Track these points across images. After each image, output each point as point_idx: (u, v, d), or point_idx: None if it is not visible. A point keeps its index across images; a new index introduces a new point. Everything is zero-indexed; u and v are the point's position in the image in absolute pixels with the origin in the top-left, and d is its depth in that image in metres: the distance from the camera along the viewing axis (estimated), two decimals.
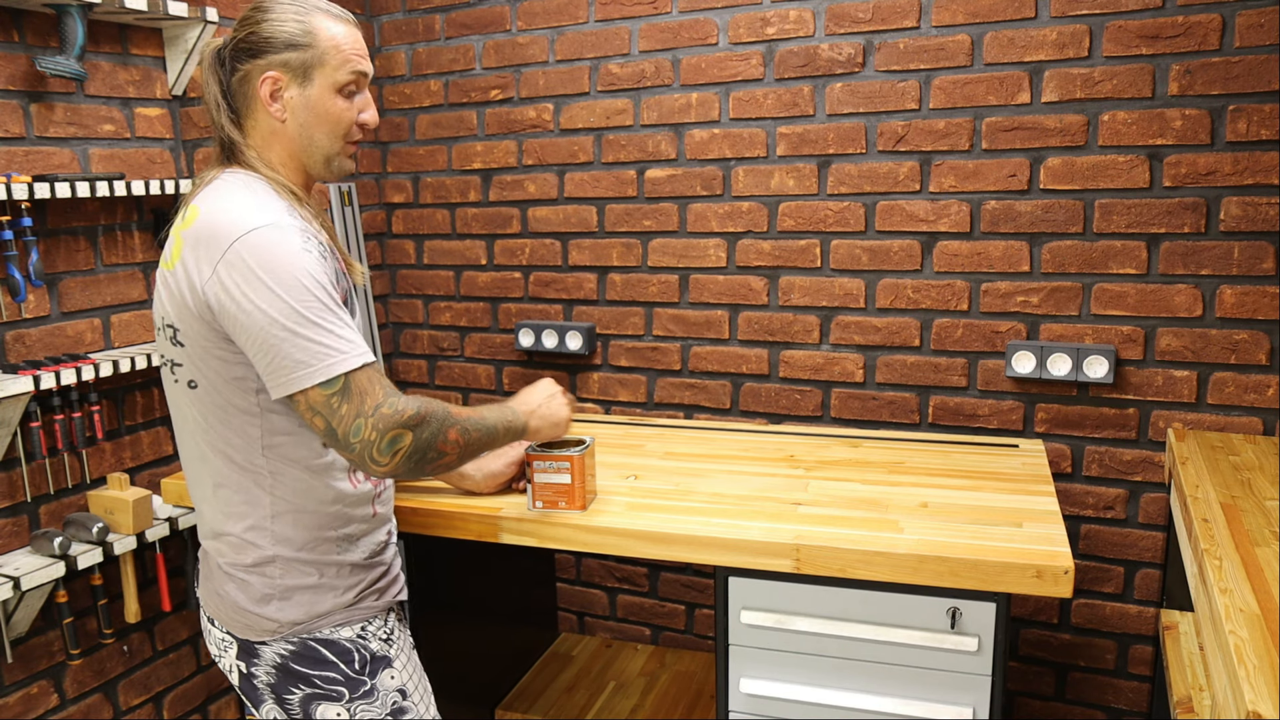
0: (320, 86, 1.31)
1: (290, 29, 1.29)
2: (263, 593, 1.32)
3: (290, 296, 1.18)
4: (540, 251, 2.57)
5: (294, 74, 1.30)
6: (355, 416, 1.20)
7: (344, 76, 1.31)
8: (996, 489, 1.71)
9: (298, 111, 1.31)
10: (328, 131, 1.33)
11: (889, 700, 1.50)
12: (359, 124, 1.35)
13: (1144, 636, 2.15)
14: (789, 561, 1.48)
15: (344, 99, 1.33)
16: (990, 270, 2.14)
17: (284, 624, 1.33)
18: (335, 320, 1.21)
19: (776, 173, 2.28)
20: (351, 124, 1.34)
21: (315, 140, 1.33)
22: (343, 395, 1.20)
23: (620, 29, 2.37)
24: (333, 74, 1.31)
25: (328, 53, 1.30)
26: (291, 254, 1.20)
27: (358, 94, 1.35)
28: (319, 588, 1.34)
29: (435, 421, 1.27)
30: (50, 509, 1.93)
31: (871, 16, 2.14)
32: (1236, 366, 1.98)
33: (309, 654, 1.33)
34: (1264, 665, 1.07)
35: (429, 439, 1.26)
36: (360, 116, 1.35)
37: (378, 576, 1.41)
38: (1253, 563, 1.34)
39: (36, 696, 1.93)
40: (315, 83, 1.30)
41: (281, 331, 1.17)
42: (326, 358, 1.19)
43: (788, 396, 2.37)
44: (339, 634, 1.35)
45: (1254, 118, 1.89)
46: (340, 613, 1.35)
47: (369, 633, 1.38)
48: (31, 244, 1.80)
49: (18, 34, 1.83)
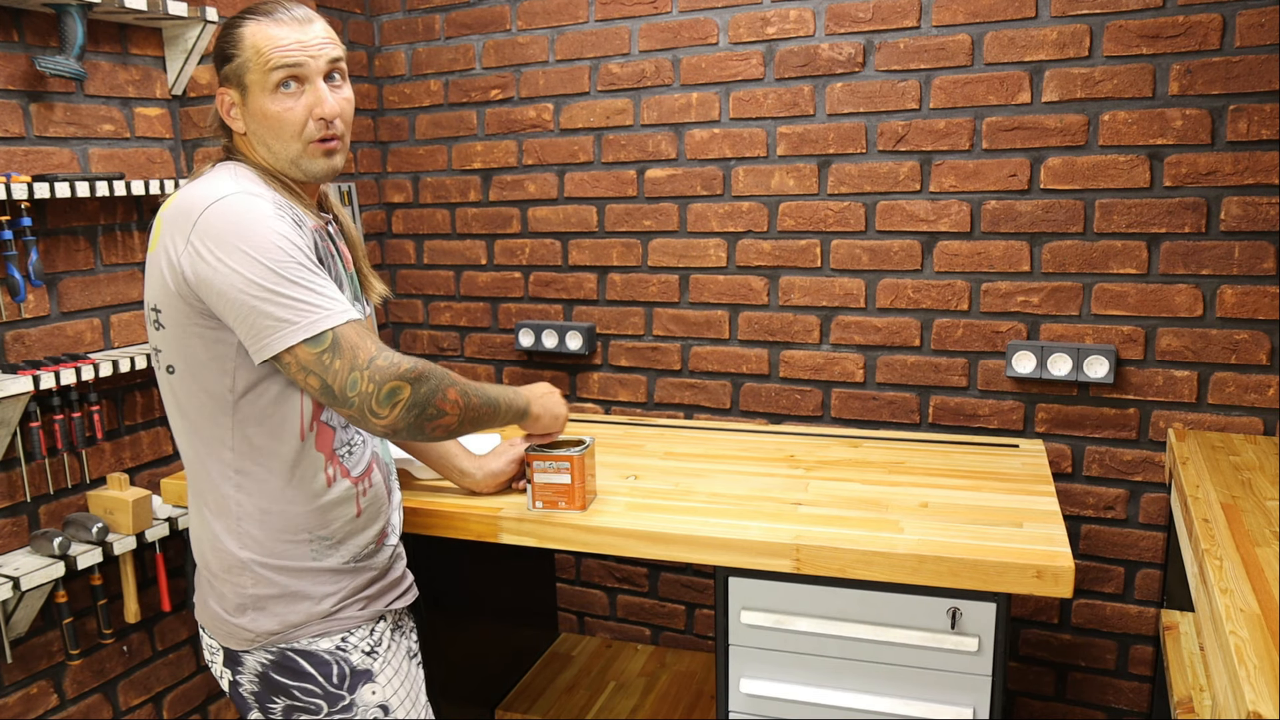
0: (255, 92, 1.27)
1: (223, 43, 1.28)
2: (236, 602, 1.30)
3: (265, 258, 1.16)
4: (540, 251, 2.57)
5: (233, 85, 1.28)
6: (350, 370, 1.18)
7: (274, 76, 1.25)
8: (997, 489, 1.71)
9: (250, 122, 1.29)
10: (277, 135, 1.28)
11: (889, 700, 1.50)
12: (315, 119, 1.28)
13: (1144, 636, 2.15)
14: (789, 561, 1.48)
15: (286, 98, 1.27)
16: (991, 270, 2.14)
17: (260, 634, 1.30)
18: (315, 279, 1.19)
19: (777, 172, 2.28)
20: (302, 121, 1.27)
21: (275, 145, 1.29)
22: (333, 351, 1.17)
23: (620, 29, 2.37)
24: (261, 76, 1.26)
25: (250, 57, 1.26)
26: (263, 218, 1.19)
27: (302, 89, 1.27)
28: (292, 596, 1.30)
29: (434, 378, 1.25)
30: (50, 509, 1.93)
31: (872, 16, 2.14)
32: (1237, 366, 1.98)
33: (287, 664, 1.31)
34: (1264, 665, 1.07)
35: (428, 394, 1.23)
36: (316, 110, 1.27)
37: (365, 583, 1.37)
38: (1253, 563, 1.34)
39: (36, 697, 1.93)
40: (251, 90, 1.27)
41: (260, 292, 1.16)
42: (310, 314, 1.17)
43: (788, 396, 2.36)
44: (317, 645, 1.31)
45: (1254, 117, 1.89)
46: (317, 623, 1.32)
47: (350, 644, 1.34)
48: (31, 244, 1.80)
49: (17, 34, 1.82)
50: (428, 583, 1.84)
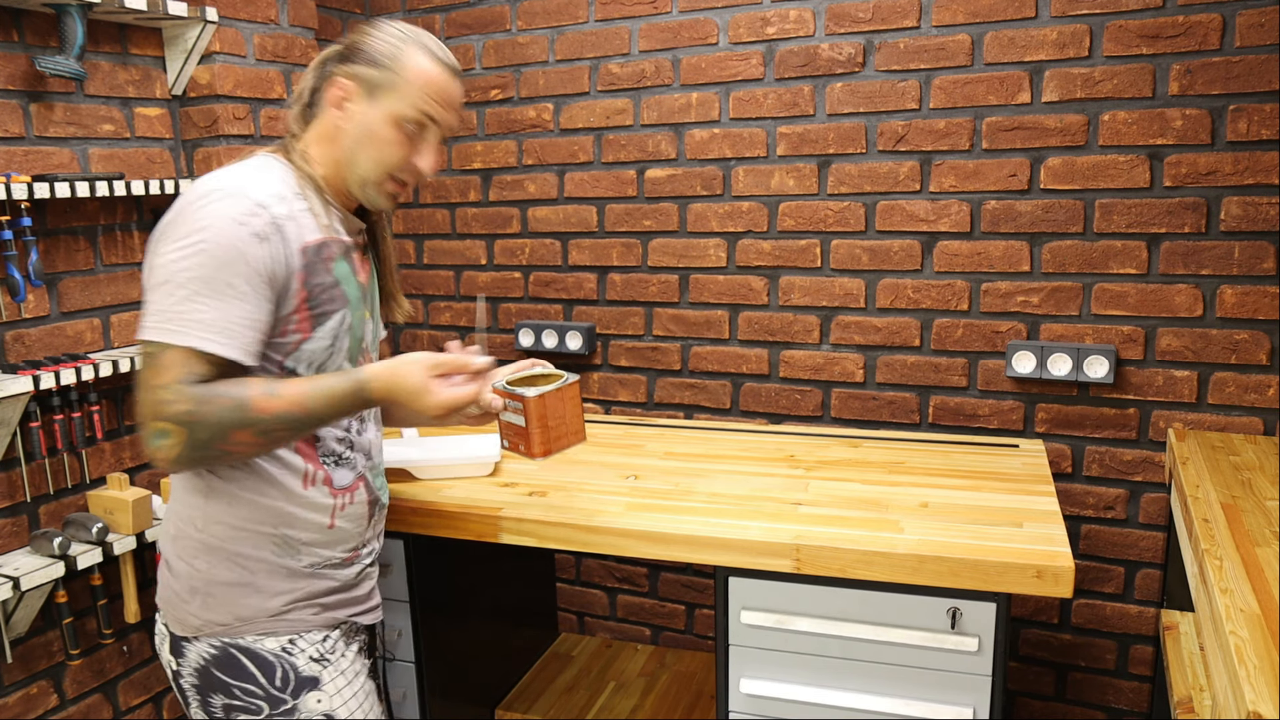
0: (383, 110, 1.29)
1: (381, 48, 1.29)
2: (190, 584, 1.29)
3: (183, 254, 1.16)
4: (540, 251, 2.57)
5: (365, 88, 1.29)
6: (143, 389, 1.15)
7: (409, 111, 1.29)
8: (997, 489, 1.71)
9: (355, 125, 1.30)
10: (372, 156, 1.30)
11: (889, 700, 1.50)
12: (411, 167, 1.32)
13: (1144, 636, 2.15)
14: (789, 561, 1.48)
15: (401, 133, 1.30)
16: (990, 270, 2.14)
17: (206, 622, 1.29)
18: (209, 300, 1.15)
19: (776, 172, 2.28)
20: (401, 162, 1.31)
21: (358, 159, 1.31)
22: (149, 363, 1.15)
23: (620, 29, 2.37)
24: (399, 103, 1.28)
25: (404, 83, 1.28)
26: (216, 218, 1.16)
27: (421, 136, 1.31)
28: (245, 587, 1.29)
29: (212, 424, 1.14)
30: (50, 509, 1.93)
31: (871, 16, 2.14)
32: (1237, 366, 1.98)
33: (230, 661, 1.29)
34: (1264, 665, 1.07)
35: (207, 439, 1.15)
36: (415, 160, 1.32)
37: (323, 590, 1.35)
38: (1253, 563, 1.34)
39: (36, 696, 1.93)
40: (380, 104, 1.29)
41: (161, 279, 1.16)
42: (166, 321, 1.15)
43: (788, 396, 2.36)
44: (263, 644, 1.30)
45: (1254, 117, 1.89)
46: (265, 620, 1.30)
47: (298, 648, 1.32)
48: (31, 244, 1.80)
49: (17, 34, 1.82)
50: (428, 582, 1.84)
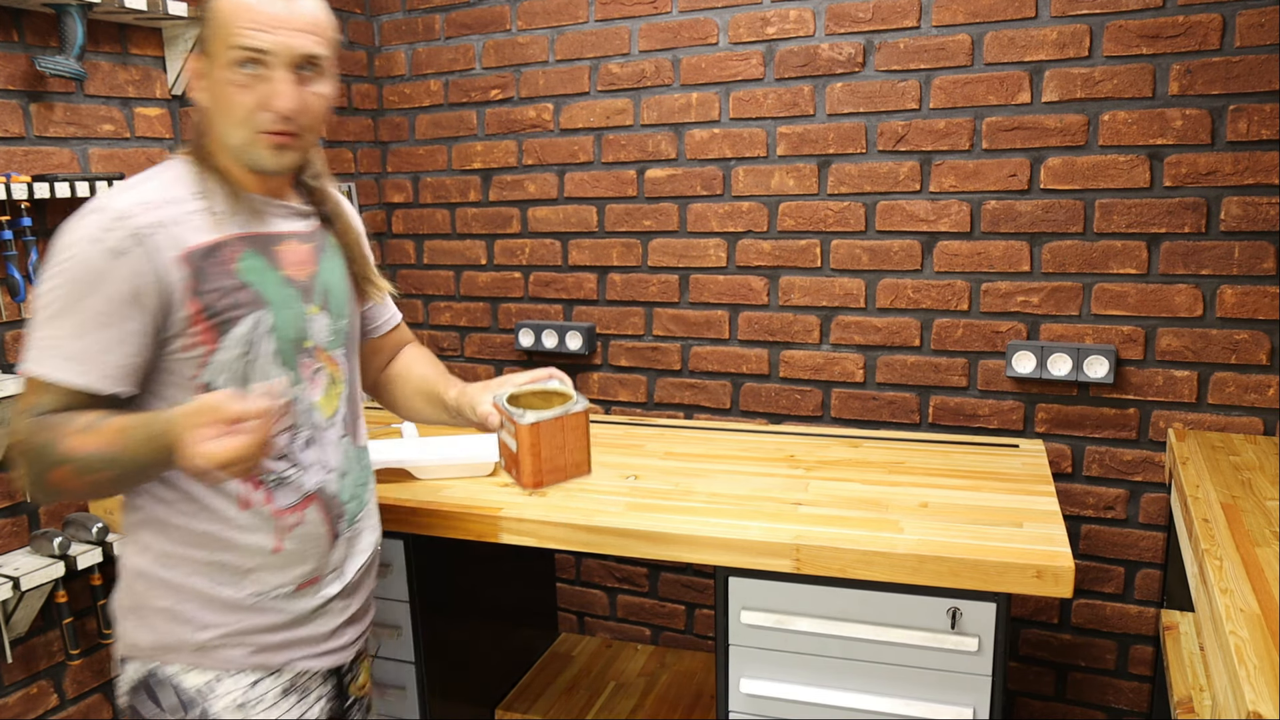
0: (217, 65, 1.13)
1: (204, 13, 1.15)
2: (127, 604, 1.23)
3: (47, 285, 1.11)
4: (540, 251, 2.57)
5: (202, 54, 1.16)
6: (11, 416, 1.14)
7: (233, 53, 1.11)
8: (997, 489, 1.71)
9: (208, 96, 1.17)
10: (230, 118, 1.14)
11: (889, 700, 1.50)
12: (271, 109, 1.13)
13: (1144, 637, 2.15)
14: (789, 561, 1.48)
15: (243, 79, 1.12)
16: (990, 270, 2.14)
17: (131, 645, 1.22)
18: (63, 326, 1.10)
19: (776, 172, 2.28)
20: (252, 109, 1.13)
21: (225, 129, 1.16)
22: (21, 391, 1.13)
23: (620, 29, 2.37)
24: (224, 50, 1.12)
25: (219, 25, 1.13)
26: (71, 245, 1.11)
27: (263, 75, 1.12)
28: (172, 614, 1.19)
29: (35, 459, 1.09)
30: (50, 509, 1.93)
31: (871, 16, 2.14)
32: (1237, 366, 1.98)
33: (151, 690, 1.21)
34: (1264, 665, 1.07)
35: (37, 473, 1.10)
36: (271, 101, 1.13)
37: (264, 626, 1.22)
38: (1253, 563, 1.34)
39: (36, 697, 1.93)
40: (214, 60, 1.14)
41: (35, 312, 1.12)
42: (28, 349, 1.12)
43: (788, 396, 2.36)
44: (184, 679, 1.20)
45: (1254, 117, 1.89)
46: (188, 653, 1.20)
47: (220, 689, 1.20)
48: (31, 244, 1.80)
49: (17, 34, 1.82)
50: (429, 583, 1.84)
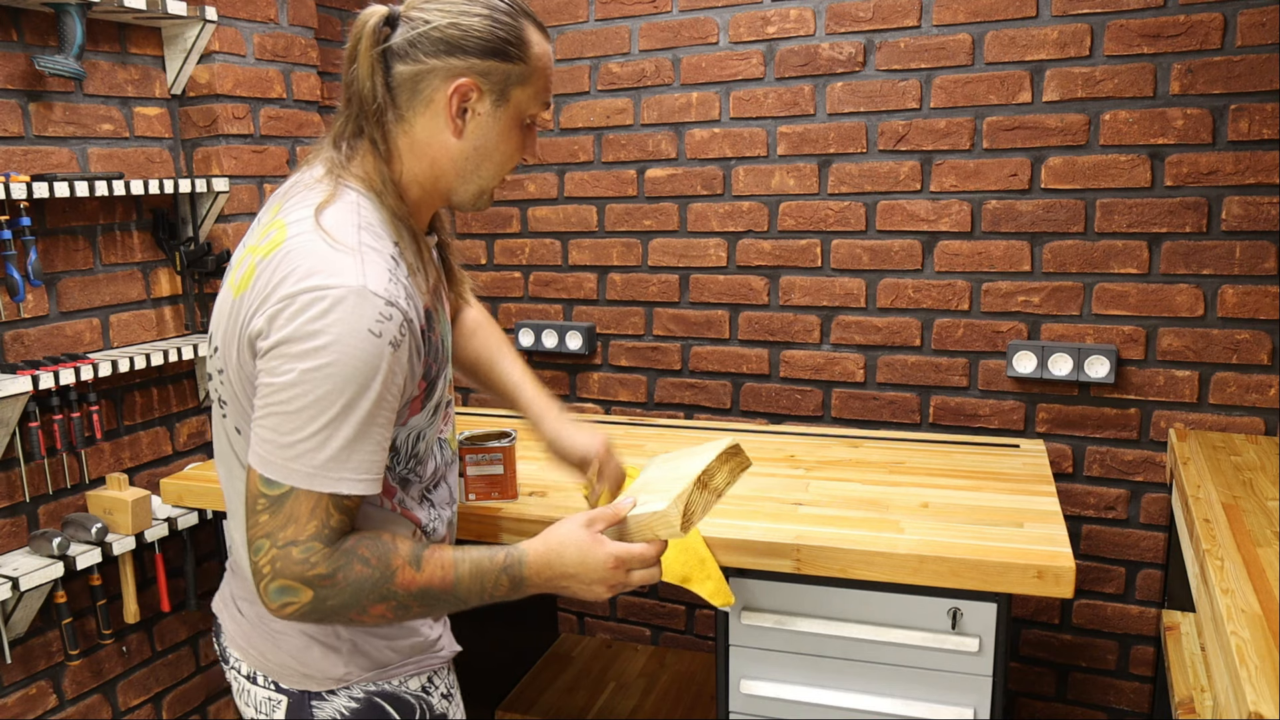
0: (515, 108, 1.07)
1: (503, 32, 1.04)
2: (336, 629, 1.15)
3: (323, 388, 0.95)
4: (540, 251, 2.57)
5: (493, 88, 1.05)
6: (265, 538, 0.96)
7: (537, 107, 1.09)
8: (997, 489, 1.71)
9: (479, 133, 1.07)
10: (498, 164, 1.10)
11: (890, 701, 1.50)
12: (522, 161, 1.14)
13: (1145, 637, 2.15)
14: (789, 562, 1.48)
15: (523, 129, 1.10)
16: (991, 270, 2.13)
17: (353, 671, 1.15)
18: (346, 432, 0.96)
19: (777, 172, 2.28)
20: (514, 160, 1.12)
21: (480, 170, 1.09)
22: (268, 504, 0.96)
23: (620, 28, 2.37)
24: (530, 100, 1.08)
25: (534, 73, 1.07)
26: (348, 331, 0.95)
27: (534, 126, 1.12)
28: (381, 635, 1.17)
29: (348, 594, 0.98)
30: (49, 509, 1.93)
31: (872, 16, 2.13)
32: (1238, 366, 1.98)
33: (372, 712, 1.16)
34: (1265, 666, 1.07)
35: (336, 607, 0.99)
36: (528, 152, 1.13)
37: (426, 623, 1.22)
38: (1254, 563, 1.34)
39: (35, 697, 1.93)
40: (511, 105, 1.07)
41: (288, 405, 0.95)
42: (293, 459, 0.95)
43: (788, 396, 2.36)
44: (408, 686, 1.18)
45: (1256, 117, 1.89)
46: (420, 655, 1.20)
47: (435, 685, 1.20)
48: (30, 243, 1.79)
49: (16, 33, 1.82)
50: None
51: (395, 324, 0.97)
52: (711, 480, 1.10)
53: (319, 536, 0.96)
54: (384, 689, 1.14)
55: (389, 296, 0.97)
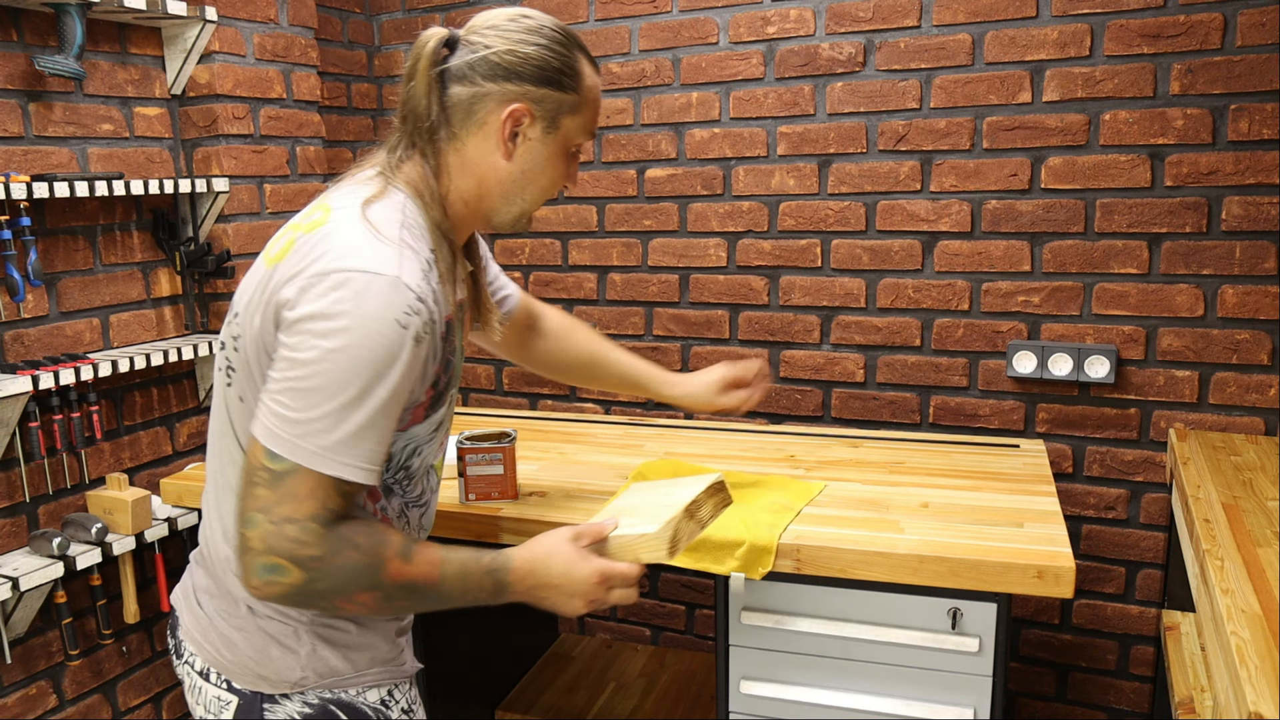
0: (564, 135, 1.12)
1: (557, 62, 1.09)
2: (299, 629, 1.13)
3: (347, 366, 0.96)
4: (540, 251, 2.57)
5: (545, 115, 1.10)
6: (260, 511, 0.96)
7: (584, 136, 1.14)
8: (997, 489, 1.71)
9: (528, 157, 1.11)
10: (542, 188, 1.14)
11: (890, 701, 1.50)
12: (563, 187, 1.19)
13: (1145, 637, 2.15)
14: (789, 562, 1.48)
15: (571, 161, 1.16)
16: (991, 270, 2.13)
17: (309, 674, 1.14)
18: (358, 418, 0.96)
19: (777, 172, 2.28)
20: (558, 186, 1.17)
21: (524, 193, 1.13)
22: (270, 478, 0.96)
23: (620, 28, 2.37)
24: (579, 129, 1.13)
25: (585, 103, 1.12)
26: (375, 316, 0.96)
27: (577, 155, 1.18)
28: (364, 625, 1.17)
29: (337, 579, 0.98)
30: (49, 509, 1.93)
31: (872, 16, 2.13)
32: (1238, 366, 1.98)
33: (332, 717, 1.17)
34: (1266, 666, 1.07)
35: (324, 590, 0.98)
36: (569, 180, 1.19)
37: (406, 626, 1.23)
38: (1254, 563, 1.34)
39: (35, 697, 1.93)
40: (560, 132, 1.11)
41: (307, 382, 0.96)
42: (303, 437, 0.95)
43: (788, 396, 2.36)
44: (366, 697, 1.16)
45: (1256, 117, 1.89)
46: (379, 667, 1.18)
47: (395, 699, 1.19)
48: (30, 243, 1.79)
49: (16, 33, 1.82)
50: None
51: (422, 319, 0.99)
52: (698, 511, 1.13)
53: (316, 517, 0.96)
54: (340, 698, 1.12)
55: (420, 292, 0.99)
